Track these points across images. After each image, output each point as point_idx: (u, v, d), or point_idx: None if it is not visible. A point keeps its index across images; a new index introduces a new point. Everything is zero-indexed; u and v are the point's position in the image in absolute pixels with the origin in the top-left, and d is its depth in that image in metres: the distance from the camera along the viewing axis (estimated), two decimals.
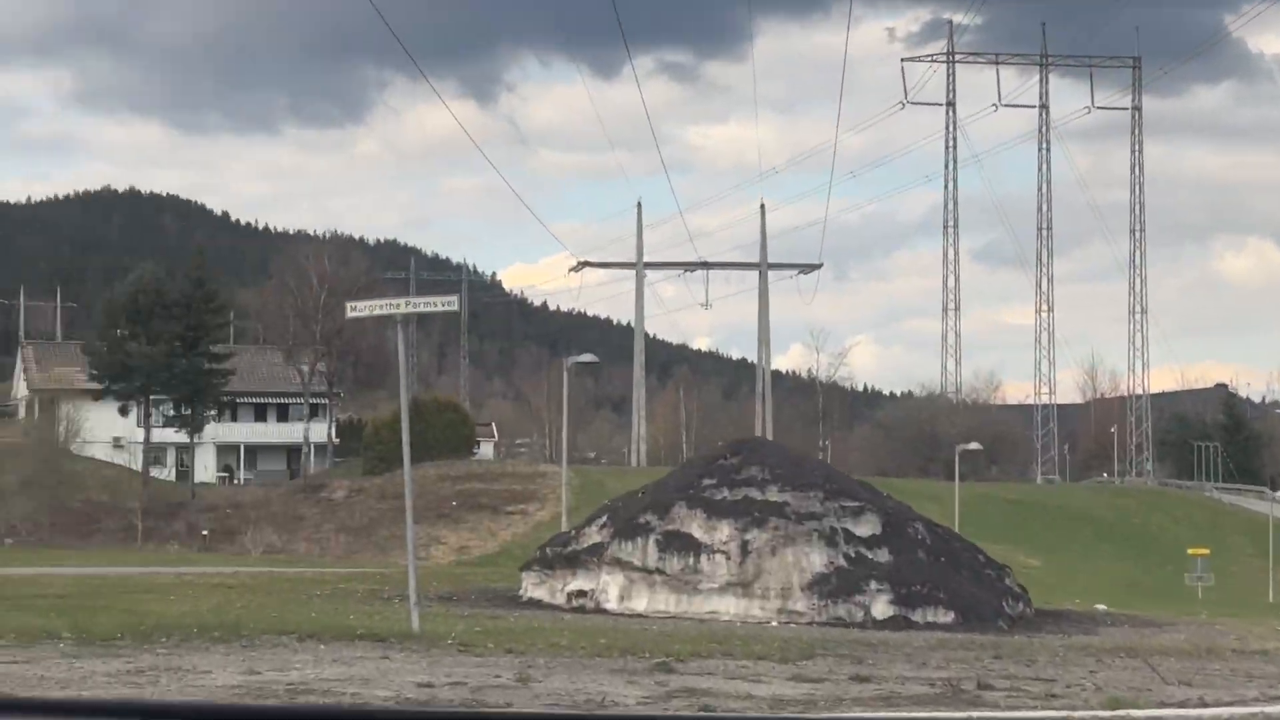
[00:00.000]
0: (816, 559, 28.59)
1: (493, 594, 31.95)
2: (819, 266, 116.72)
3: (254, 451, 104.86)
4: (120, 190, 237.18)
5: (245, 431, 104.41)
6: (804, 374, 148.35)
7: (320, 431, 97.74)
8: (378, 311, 22.46)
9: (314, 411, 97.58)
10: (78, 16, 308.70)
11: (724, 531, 28.67)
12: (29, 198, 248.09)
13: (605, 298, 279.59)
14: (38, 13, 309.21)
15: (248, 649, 19.77)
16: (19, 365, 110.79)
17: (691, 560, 28.60)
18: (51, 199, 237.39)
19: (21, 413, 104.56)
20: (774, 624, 27.46)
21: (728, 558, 28.52)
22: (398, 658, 19.52)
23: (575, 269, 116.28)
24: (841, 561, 28.67)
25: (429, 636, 21.05)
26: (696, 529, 28.84)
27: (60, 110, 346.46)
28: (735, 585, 28.53)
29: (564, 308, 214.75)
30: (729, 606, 28.33)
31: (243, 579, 30.93)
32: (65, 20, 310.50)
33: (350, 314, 22.59)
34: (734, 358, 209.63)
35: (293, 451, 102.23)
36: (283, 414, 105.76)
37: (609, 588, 29.05)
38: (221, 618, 22.32)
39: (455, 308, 22.34)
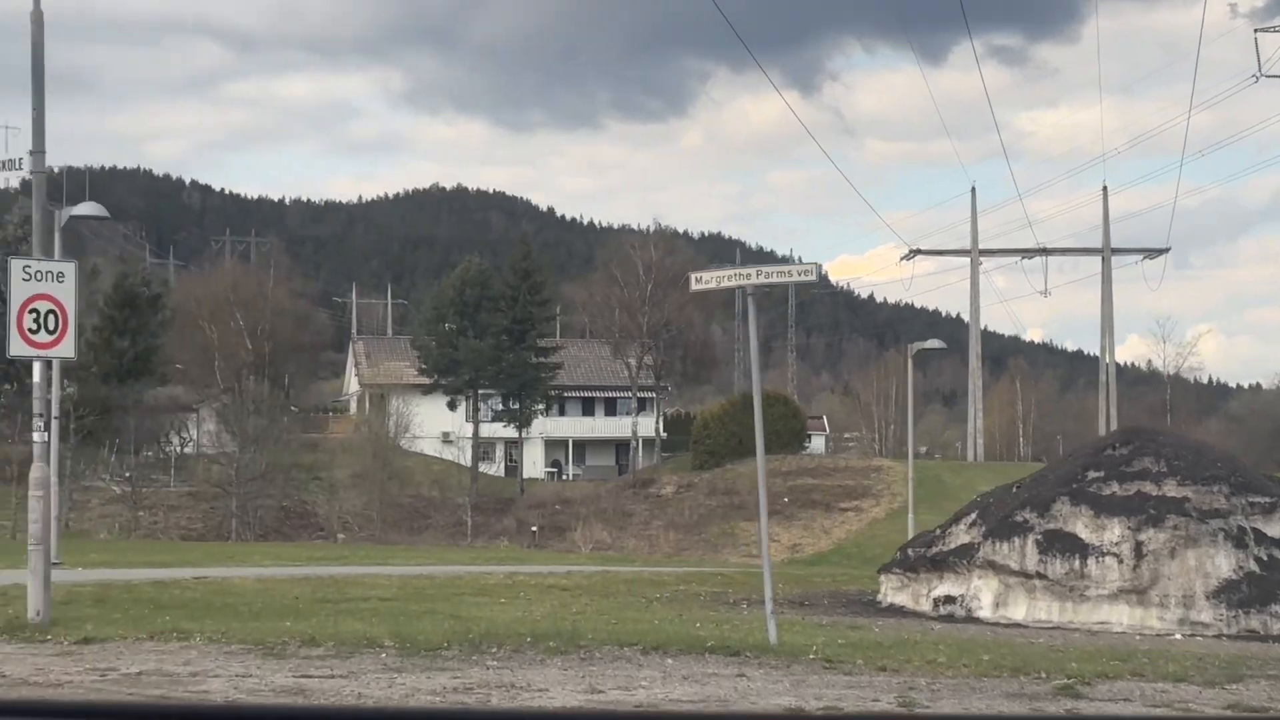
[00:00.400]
0: (1223, 563, 25.05)
1: (846, 598, 29.20)
2: (1166, 251, 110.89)
3: (582, 446, 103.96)
4: (448, 188, 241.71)
5: (573, 426, 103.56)
6: (1144, 365, 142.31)
7: (648, 426, 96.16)
8: (726, 283, 19.88)
9: (641, 405, 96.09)
10: (406, 17, 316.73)
11: (1114, 531, 25.35)
12: (359, 196, 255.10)
13: (933, 289, 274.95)
14: (368, 15, 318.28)
15: (587, 662, 17.38)
16: (350, 361, 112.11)
17: (1077, 563, 25.34)
18: (381, 197, 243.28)
19: (353, 408, 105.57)
20: (1176, 637, 24.08)
21: (1119, 560, 25.19)
22: (756, 675, 16.88)
23: (907, 257, 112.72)
24: (1252, 565, 25.10)
25: (788, 650, 18.38)
26: (1082, 528, 25.57)
27: (389, 110, 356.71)
28: (1128, 592, 25.16)
29: (891, 299, 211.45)
30: (1121, 616, 25.00)
31: (576, 579, 28.75)
32: (394, 22, 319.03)
33: (695, 286, 20.02)
34: (1068, 349, 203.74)
35: (620, 446, 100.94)
36: (610, 408, 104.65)
37: (981, 593, 25.98)
38: (557, 625, 20.03)
39: (813, 277, 19.64)
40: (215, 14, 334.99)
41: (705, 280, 19.89)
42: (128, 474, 77.27)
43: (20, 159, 19.31)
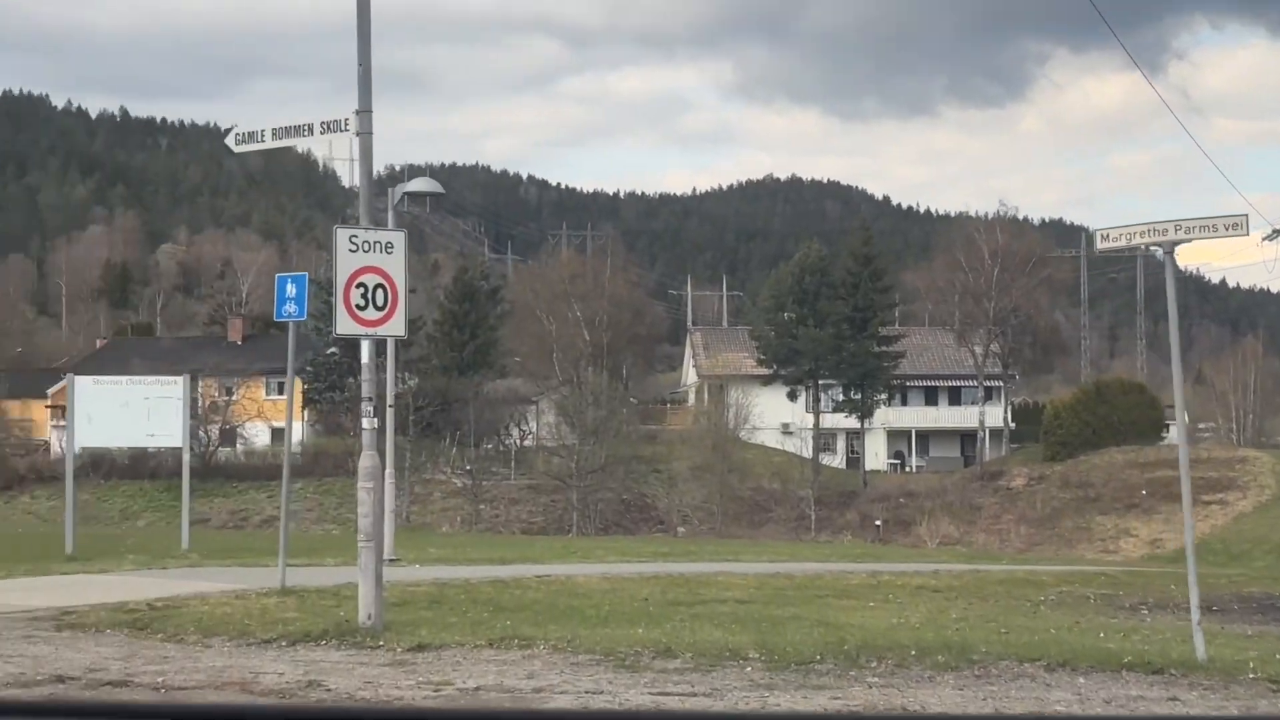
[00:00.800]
0: None
1: (1255, 602, 25.93)
2: None
3: (925, 437, 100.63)
4: (782, 178, 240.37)
5: (916, 416, 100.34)
6: None
7: (994, 415, 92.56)
8: (1137, 239, 17.15)
9: (987, 395, 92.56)
10: (738, 8, 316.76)
11: None
12: (694, 189, 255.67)
13: None
14: (700, 7, 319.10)
15: (984, 680, 14.86)
16: (688, 352, 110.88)
17: None
18: (715, 189, 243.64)
19: (691, 399, 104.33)
20: None
21: None
22: (1190, 699, 14.15)
23: (1269, 238, 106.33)
24: None
25: (1220, 667, 15.56)
26: None
27: (721, 102, 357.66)
28: None
29: (1244, 285, 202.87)
30: None
31: (945, 580, 26.21)
32: (726, 13, 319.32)
33: (1101, 245, 17.38)
34: None
35: (966, 437, 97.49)
36: (954, 397, 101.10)
37: None
38: (941, 634, 17.51)
39: (1243, 231, 16.80)
40: (553, 11, 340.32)
41: (1113, 237, 17.17)
42: (468, 467, 77.11)
43: (346, 119, 17.56)
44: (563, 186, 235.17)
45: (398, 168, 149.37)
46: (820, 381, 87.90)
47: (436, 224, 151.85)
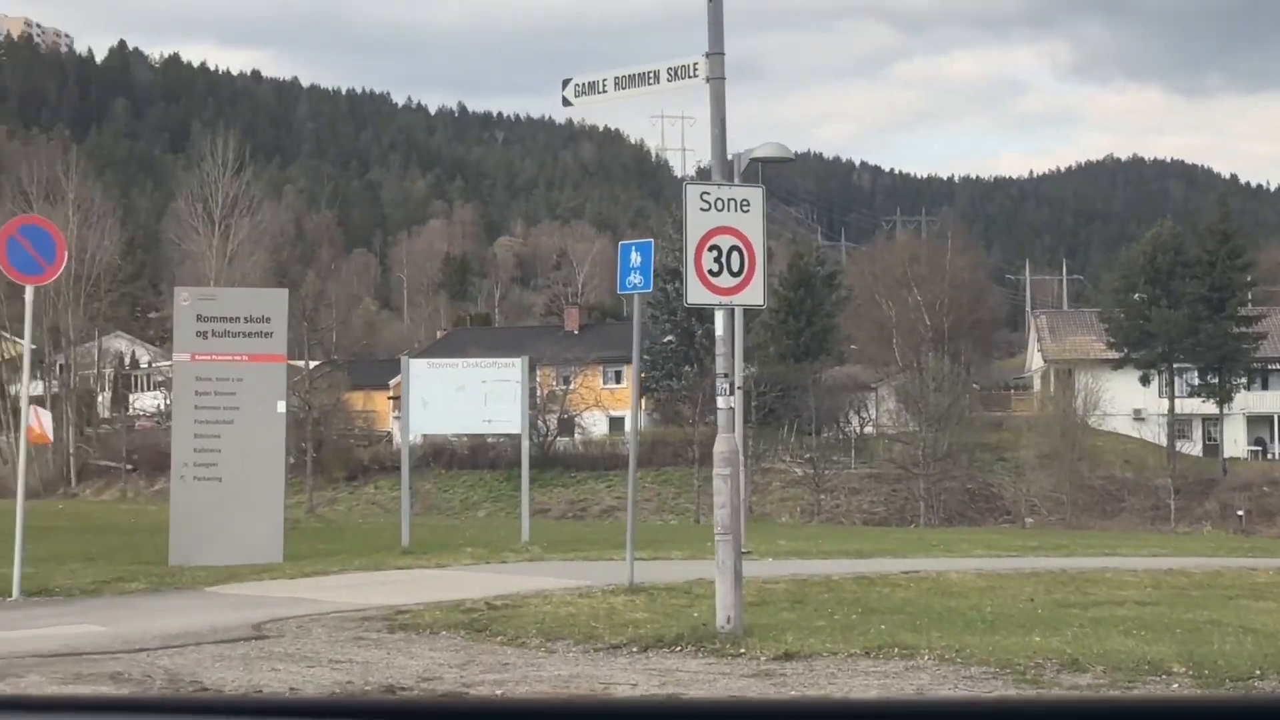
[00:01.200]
0: None
1: None
2: None
3: None
4: (1122, 158, 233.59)
5: (1278, 401, 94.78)
6: None
7: None
8: None
9: None
10: None
11: None
12: (1030, 171, 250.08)
13: None
14: None
15: None
16: (1031, 336, 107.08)
17: None
18: (1052, 171, 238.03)
19: (1036, 385, 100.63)
20: None
21: None
22: None
23: None
24: None
25: None
26: None
27: (1057, 82, 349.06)
28: None
29: None
30: None
31: None
32: None
33: None
34: None
35: None
36: None
37: None
38: None
39: None
40: None
41: None
42: (808, 455, 75.20)
43: (695, 64, 15.71)
44: (896, 172, 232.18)
45: (730, 156, 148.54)
46: (1175, 365, 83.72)
47: (769, 211, 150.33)
